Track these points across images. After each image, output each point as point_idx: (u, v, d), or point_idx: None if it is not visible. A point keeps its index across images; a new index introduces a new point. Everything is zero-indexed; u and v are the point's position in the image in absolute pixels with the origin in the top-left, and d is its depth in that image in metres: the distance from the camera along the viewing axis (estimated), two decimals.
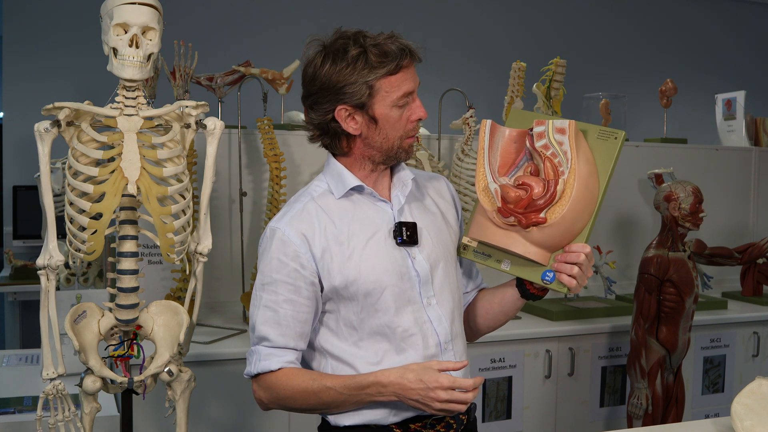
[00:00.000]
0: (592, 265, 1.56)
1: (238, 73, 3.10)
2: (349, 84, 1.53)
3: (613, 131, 1.51)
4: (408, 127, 1.59)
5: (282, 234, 1.56)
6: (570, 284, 1.53)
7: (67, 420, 1.89)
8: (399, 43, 1.55)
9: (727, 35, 6.60)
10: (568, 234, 1.53)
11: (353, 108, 1.55)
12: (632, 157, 3.91)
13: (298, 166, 3.28)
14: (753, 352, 3.49)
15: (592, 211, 1.52)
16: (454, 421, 1.63)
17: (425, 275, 1.61)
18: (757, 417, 1.69)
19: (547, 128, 1.53)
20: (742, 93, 4.35)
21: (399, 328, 1.57)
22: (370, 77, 1.52)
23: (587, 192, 1.50)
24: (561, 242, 1.54)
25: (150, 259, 2.96)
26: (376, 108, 1.55)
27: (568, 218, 1.50)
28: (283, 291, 1.55)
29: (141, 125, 1.85)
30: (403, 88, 1.55)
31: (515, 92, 3.67)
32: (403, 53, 1.54)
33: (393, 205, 1.64)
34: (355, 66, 1.52)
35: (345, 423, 1.59)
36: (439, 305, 1.62)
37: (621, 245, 3.86)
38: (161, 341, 1.91)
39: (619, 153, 1.50)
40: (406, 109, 1.58)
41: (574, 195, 1.49)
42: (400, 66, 1.54)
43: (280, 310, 1.55)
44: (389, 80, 1.54)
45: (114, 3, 1.79)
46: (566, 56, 3.68)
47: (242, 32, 5.25)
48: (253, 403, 2.68)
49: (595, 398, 3.23)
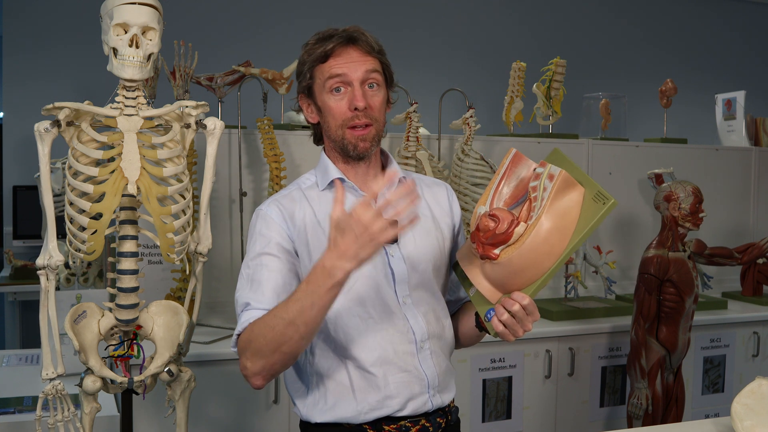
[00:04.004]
0: (532, 320, 1.47)
1: (238, 73, 3.10)
2: (300, 72, 1.61)
3: (606, 197, 1.41)
4: (346, 116, 1.57)
5: (264, 213, 1.60)
6: (497, 328, 1.48)
7: (66, 420, 1.89)
8: (342, 30, 1.57)
9: (727, 35, 6.60)
10: (516, 278, 1.47)
11: (305, 96, 1.62)
12: (632, 157, 3.91)
13: (298, 166, 3.28)
14: (753, 352, 3.49)
15: (547, 266, 1.44)
16: (430, 424, 1.61)
17: (401, 274, 1.60)
18: (757, 417, 1.69)
19: (544, 172, 1.50)
20: (742, 93, 4.35)
21: (371, 319, 1.57)
22: (307, 65, 1.59)
23: (545, 245, 1.44)
24: (509, 286, 1.49)
25: (150, 259, 2.95)
26: (317, 96, 1.60)
27: (515, 263, 1.45)
28: (266, 262, 1.55)
29: (141, 125, 1.85)
30: (332, 72, 1.56)
31: (515, 92, 3.67)
32: (339, 39, 1.56)
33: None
34: (305, 56, 1.59)
35: (317, 420, 1.58)
36: (414, 305, 1.61)
37: (621, 245, 3.86)
38: (161, 341, 1.91)
39: (601, 219, 1.42)
40: (344, 98, 1.57)
41: (528, 243, 1.44)
42: (329, 50, 1.56)
43: (262, 279, 1.53)
44: (321, 66, 1.58)
45: (114, 3, 1.79)
46: (566, 56, 3.68)
47: (242, 32, 5.25)
48: (253, 403, 2.70)
49: (595, 398, 3.23)
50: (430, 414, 1.61)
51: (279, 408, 2.72)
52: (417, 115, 3.19)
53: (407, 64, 4.70)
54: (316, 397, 1.60)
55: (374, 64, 1.58)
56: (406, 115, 3.20)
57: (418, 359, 1.59)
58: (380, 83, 1.60)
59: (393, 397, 1.57)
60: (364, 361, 1.56)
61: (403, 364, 1.58)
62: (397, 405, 1.57)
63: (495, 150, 3.61)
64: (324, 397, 1.59)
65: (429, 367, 1.60)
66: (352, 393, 1.57)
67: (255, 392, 2.69)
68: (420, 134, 3.24)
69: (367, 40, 1.58)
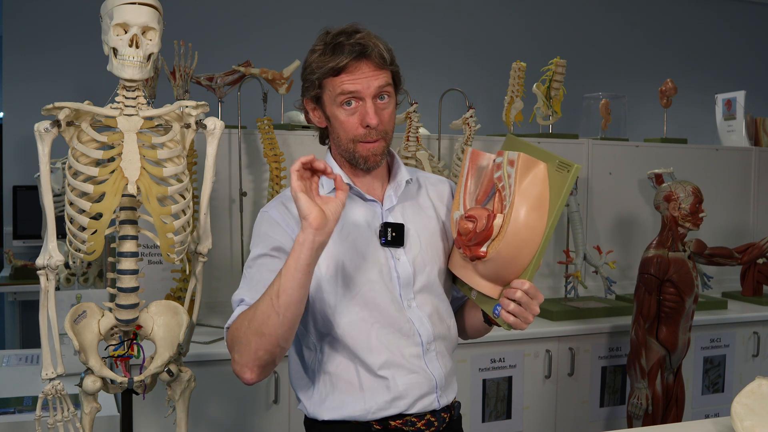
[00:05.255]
0: (537, 302, 1.48)
1: (238, 73, 3.10)
2: (307, 78, 1.57)
3: (569, 164, 1.42)
4: (358, 132, 1.56)
5: (268, 216, 1.60)
6: (507, 320, 1.48)
7: (66, 420, 1.88)
8: (354, 41, 1.52)
9: (727, 35, 6.60)
10: (510, 268, 1.48)
11: (312, 102, 1.60)
12: (632, 157, 3.91)
13: None
14: (753, 352, 3.49)
15: (534, 247, 1.45)
16: (435, 419, 1.62)
17: (406, 278, 1.60)
18: (757, 417, 1.69)
19: (504, 160, 1.50)
20: (742, 93, 4.35)
21: (377, 324, 1.58)
22: (317, 74, 1.54)
23: (526, 228, 1.44)
24: (505, 277, 1.49)
25: (150, 259, 2.95)
26: (327, 106, 1.58)
27: (504, 253, 1.46)
28: (266, 262, 1.55)
29: (141, 125, 1.85)
30: (344, 88, 1.52)
31: (515, 92, 3.67)
32: (351, 53, 1.51)
33: (384, 205, 1.64)
34: (314, 61, 1.55)
35: (324, 417, 1.59)
36: (419, 308, 1.62)
37: (621, 245, 3.86)
38: (161, 341, 1.91)
39: (570, 186, 1.42)
40: (356, 113, 1.55)
41: (510, 231, 1.44)
42: (342, 66, 1.51)
43: (260, 278, 1.52)
44: (332, 80, 1.53)
45: (114, 3, 1.79)
46: (566, 56, 3.68)
47: (242, 32, 5.25)
48: (253, 403, 2.70)
49: (595, 398, 3.23)
50: (436, 411, 1.63)
51: (279, 408, 2.72)
52: (417, 115, 3.19)
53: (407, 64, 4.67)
54: (323, 395, 1.60)
55: (386, 78, 1.56)
56: (406, 115, 3.20)
57: (425, 361, 1.61)
58: (391, 94, 1.59)
59: (402, 398, 1.58)
60: (372, 364, 1.57)
61: (411, 366, 1.59)
62: (405, 405, 1.58)
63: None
64: (332, 395, 1.59)
65: (436, 368, 1.62)
66: (361, 393, 1.58)
67: (255, 392, 2.69)
68: (420, 134, 3.24)
69: (380, 51, 1.54)
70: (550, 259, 3.72)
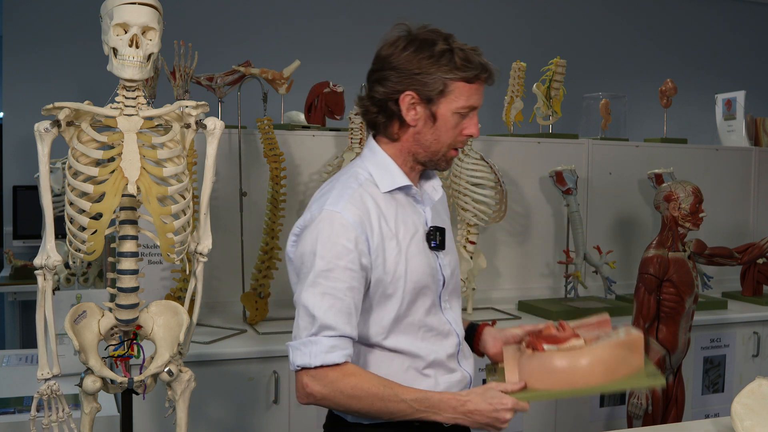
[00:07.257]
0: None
1: (238, 73, 3.10)
2: (426, 74, 1.55)
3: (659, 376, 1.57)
4: (458, 139, 1.62)
5: (341, 218, 1.51)
6: None
7: (61, 420, 1.88)
8: (482, 58, 1.59)
9: (727, 35, 6.60)
10: (541, 375, 1.56)
11: (419, 98, 1.57)
12: (632, 157, 3.91)
13: (298, 166, 3.28)
14: (753, 352, 3.49)
15: (566, 386, 1.54)
16: None
17: (447, 280, 1.66)
18: (757, 417, 1.69)
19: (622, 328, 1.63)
20: (742, 93, 4.35)
21: (423, 327, 1.61)
22: (449, 76, 1.55)
23: (586, 367, 1.53)
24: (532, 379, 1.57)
25: (150, 259, 2.96)
26: (441, 107, 1.58)
27: (552, 359, 1.55)
28: (346, 278, 1.49)
29: (141, 125, 1.85)
30: (471, 100, 1.58)
31: (515, 92, 3.67)
32: (483, 68, 1.58)
33: (425, 207, 1.67)
34: (439, 61, 1.55)
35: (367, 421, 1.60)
36: (452, 309, 1.69)
37: (621, 245, 3.86)
38: (161, 341, 1.91)
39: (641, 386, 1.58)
40: (464, 121, 1.61)
41: (573, 353, 1.54)
42: (477, 77, 1.57)
43: (345, 299, 1.49)
44: (463, 86, 1.57)
45: (114, 3, 1.79)
46: (566, 56, 3.68)
47: (242, 32, 5.25)
48: (253, 403, 2.70)
49: (595, 398, 3.23)
50: None
51: (279, 408, 2.72)
52: None
53: None
54: None
55: None
56: None
57: (457, 359, 1.67)
58: None
59: None
60: (419, 364, 1.61)
61: (451, 365, 1.65)
62: None
63: (495, 150, 3.61)
64: None
65: (468, 366, 1.70)
66: None
67: (255, 392, 2.69)
68: None
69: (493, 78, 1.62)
70: (551, 259, 3.72)
